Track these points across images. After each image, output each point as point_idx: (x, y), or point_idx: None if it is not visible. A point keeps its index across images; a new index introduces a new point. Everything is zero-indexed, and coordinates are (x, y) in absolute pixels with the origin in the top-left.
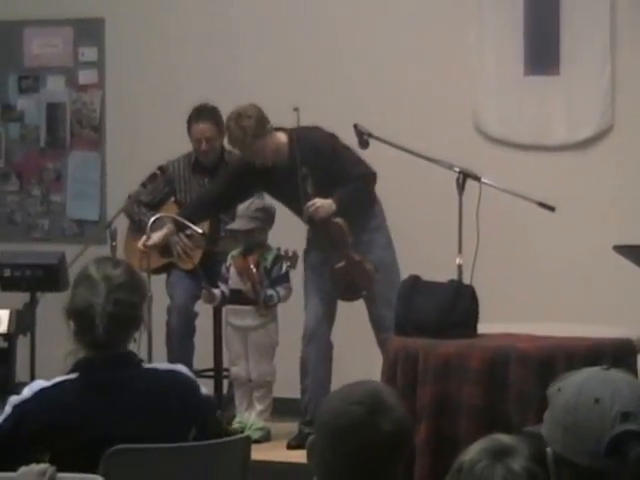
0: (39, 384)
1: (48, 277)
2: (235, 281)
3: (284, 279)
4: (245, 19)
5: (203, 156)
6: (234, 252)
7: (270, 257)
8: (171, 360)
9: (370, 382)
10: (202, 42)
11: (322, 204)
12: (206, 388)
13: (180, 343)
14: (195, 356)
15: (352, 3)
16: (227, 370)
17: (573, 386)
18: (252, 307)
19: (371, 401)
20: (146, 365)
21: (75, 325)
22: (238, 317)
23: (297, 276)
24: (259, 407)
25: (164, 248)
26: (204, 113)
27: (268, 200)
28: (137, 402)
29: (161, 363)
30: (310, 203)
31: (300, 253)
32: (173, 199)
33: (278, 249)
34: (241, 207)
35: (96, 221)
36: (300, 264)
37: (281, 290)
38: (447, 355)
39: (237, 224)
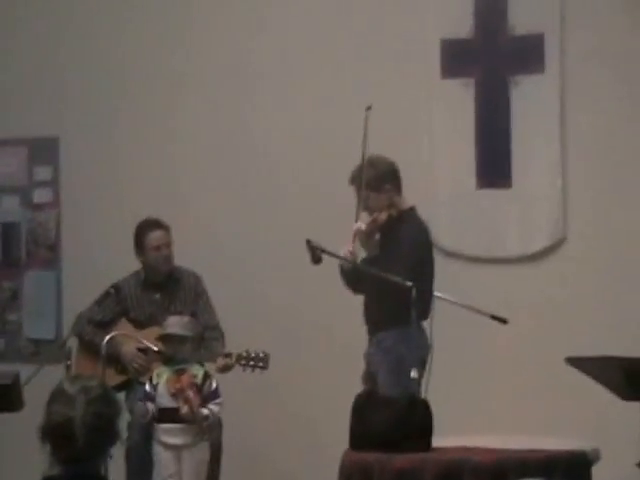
0: None
1: (2, 397)
2: (166, 399)
3: (215, 395)
4: (199, 134)
5: (165, 263)
6: (160, 371)
7: (200, 374)
8: (130, 474)
9: None
10: (156, 159)
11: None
12: None
13: (141, 459)
14: None
15: (300, 118)
16: None
17: None
18: (185, 425)
19: None
20: None
21: (52, 442)
22: (171, 435)
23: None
24: None
25: (121, 365)
26: (156, 222)
27: None
28: None
29: None
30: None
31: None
32: (124, 318)
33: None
34: (171, 319)
35: (52, 340)
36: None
37: (214, 407)
38: (402, 469)
39: (173, 329)
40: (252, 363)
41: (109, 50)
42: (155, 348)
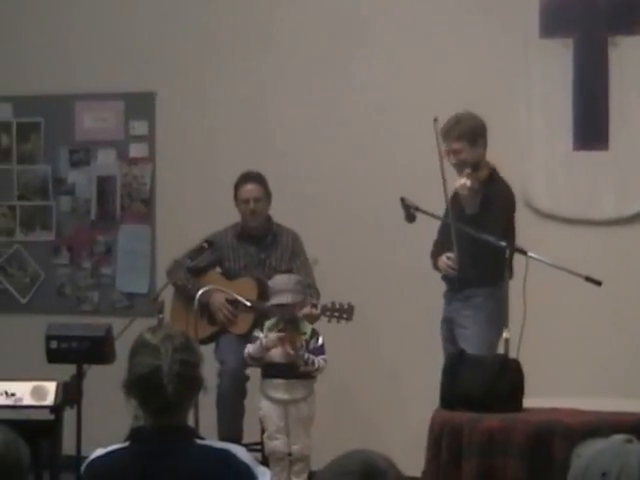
0: (95, 453)
1: (95, 349)
2: (274, 354)
3: (321, 351)
4: (292, 90)
5: (251, 217)
6: (269, 324)
7: (308, 330)
8: (221, 422)
9: (361, 450)
10: (250, 113)
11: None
12: (267, 474)
13: (232, 407)
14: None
15: (399, 81)
16: (258, 444)
17: (588, 455)
18: (294, 380)
19: (363, 468)
20: (199, 441)
21: (139, 395)
22: (279, 391)
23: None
24: None
25: (212, 316)
26: (251, 175)
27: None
28: (183, 477)
29: (216, 441)
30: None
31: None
32: (219, 269)
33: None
34: (279, 281)
35: (146, 294)
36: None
37: (320, 361)
38: (492, 429)
39: (283, 298)
40: (337, 314)
41: (203, 5)
42: (248, 304)
